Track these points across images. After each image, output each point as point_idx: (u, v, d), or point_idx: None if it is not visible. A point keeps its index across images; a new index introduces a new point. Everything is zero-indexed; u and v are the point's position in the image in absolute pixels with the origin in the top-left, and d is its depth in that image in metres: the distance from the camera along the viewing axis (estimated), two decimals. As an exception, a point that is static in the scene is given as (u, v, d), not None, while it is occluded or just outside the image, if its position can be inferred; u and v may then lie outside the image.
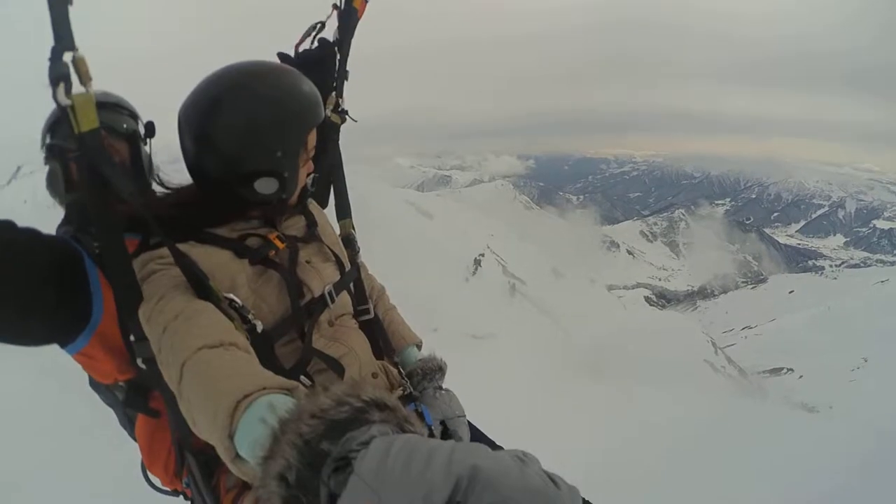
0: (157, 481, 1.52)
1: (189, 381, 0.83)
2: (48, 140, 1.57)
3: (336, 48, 1.57)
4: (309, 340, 1.22)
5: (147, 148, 1.72)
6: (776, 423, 8.36)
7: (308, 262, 1.30)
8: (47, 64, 0.82)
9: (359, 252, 1.56)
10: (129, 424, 1.55)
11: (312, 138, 1.25)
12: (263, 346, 1.10)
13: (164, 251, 1.08)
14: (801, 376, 45.65)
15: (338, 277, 1.35)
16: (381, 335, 1.51)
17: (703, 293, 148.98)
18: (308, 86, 1.21)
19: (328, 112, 1.53)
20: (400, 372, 1.45)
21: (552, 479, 0.50)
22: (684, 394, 13.17)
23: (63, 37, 0.83)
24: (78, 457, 3.91)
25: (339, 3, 1.54)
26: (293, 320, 1.20)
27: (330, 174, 1.61)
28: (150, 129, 1.72)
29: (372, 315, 1.49)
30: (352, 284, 1.45)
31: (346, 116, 1.60)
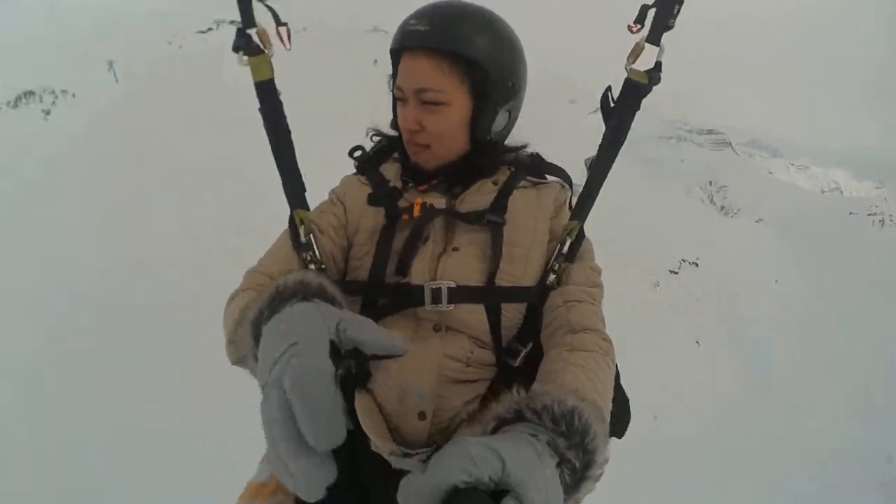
0: None
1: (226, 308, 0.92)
2: None
3: None
4: (370, 315, 0.99)
5: None
6: None
7: (456, 248, 1.02)
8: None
9: (563, 271, 1.02)
10: None
11: (404, 66, 1.01)
12: None
13: (346, 177, 1.17)
14: None
15: (473, 284, 0.99)
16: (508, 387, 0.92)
17: None
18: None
19: (629, 65, 0.96)
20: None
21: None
22: None
23: (246, 17, 0.99)
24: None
25: None
26: (364, 288, 1.03)
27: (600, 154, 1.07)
28: None
29: (516, 365, 1.02)
30: (501, 308, 1.01)
31: (659, 76, 0.99)
